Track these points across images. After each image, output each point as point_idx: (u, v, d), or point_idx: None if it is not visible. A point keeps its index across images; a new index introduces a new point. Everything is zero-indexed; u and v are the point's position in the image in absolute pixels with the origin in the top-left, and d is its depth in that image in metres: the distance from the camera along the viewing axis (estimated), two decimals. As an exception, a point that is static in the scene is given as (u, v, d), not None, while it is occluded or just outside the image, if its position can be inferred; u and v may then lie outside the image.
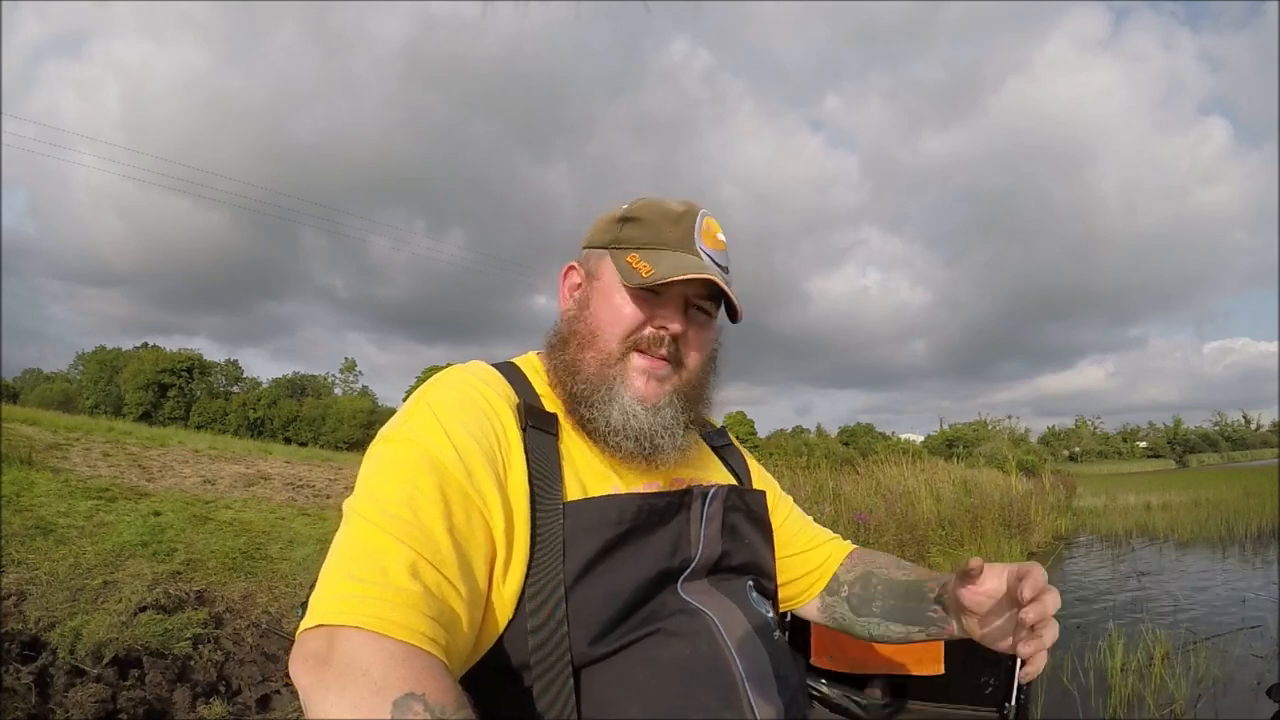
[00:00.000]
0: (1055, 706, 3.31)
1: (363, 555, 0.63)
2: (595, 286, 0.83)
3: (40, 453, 6.87)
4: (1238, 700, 3.37)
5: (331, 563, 0.64)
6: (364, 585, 0.60)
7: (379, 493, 0.67)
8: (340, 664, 0.56)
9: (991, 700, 1.97)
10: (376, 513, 0.66)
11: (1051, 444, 71.00)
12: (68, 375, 46.80)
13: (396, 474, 0.69)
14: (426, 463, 0.69)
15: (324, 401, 40.69)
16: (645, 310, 0.80)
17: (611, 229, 0.85)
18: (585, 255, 0.87)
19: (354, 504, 0.68)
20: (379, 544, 0.63)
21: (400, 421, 0.74)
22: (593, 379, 0.79)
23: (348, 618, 0.58)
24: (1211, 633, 4.61)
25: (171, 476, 7.41)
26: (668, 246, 0.81)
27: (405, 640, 0.58)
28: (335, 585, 0.62)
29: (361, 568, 0.62)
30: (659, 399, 0.80)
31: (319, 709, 0.54)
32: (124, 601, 3.26)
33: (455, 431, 0.71)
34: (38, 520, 4.41)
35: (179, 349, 42.32)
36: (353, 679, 0.55)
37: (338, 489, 8.58)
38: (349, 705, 0.54)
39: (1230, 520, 10.12)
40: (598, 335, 0.80)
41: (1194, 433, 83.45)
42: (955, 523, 7.77)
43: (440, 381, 0.78)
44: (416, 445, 0.70)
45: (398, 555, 0.63)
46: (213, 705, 2.75)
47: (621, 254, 0.82)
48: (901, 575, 0.96)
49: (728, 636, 0.76)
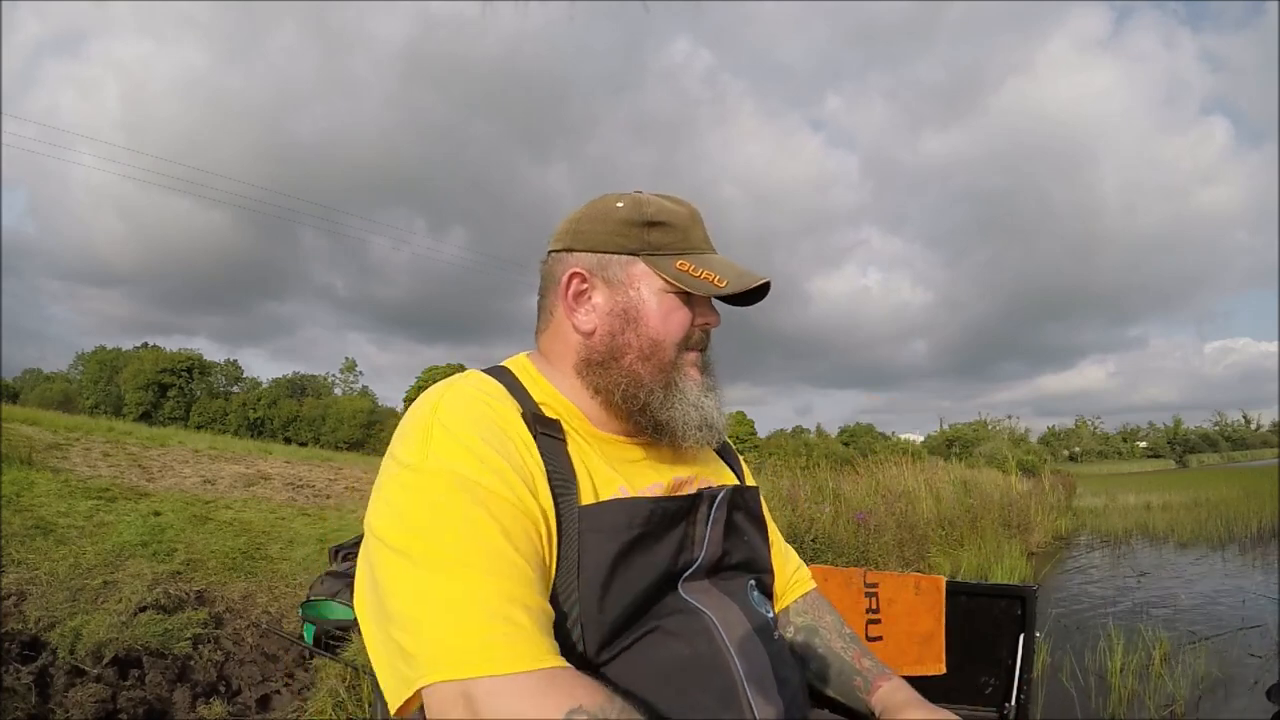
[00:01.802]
0: (1055, 706, 3.31)
1: (454, 599, 0.61)
2: (633, 296, 0.81)
3: (40, 453, 6.87)
4: (1238, 700, 3.37)
5: (416, 612, 0.61)
6: (471, 628, 0.59)
7: (430, 530, 0.65)
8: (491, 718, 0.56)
9: (991, 700, 1.97)
10: (440, 552, 0.63)
11: (1051, 444, 70.98)
12: (68, 375, 46.78)
13: (443, 505, 0.66)
14: (465, 488, 0.67)
15: (324, 401, 40.67)
16: (691, 313, 0.82)
17: (631, 234, 0.81)
18: (597, 261, 0.82)
19: (403, 544, 0.65)
20: (463, 583, 0.61)
21: (420, 446, 0.70)
22: (658, 387, 0.80)
23: (475, 669, 0.57)
24: (1211, 633, 4.61)
25: (171, 476, 7.41)
26: (701, 249, 0.83)
27: (538, 668, 0.58)
28: (440, 638, 0.59)
29: (459, 613, 0.60)
30: (708, 385, 0.85)
31: None
32: (124, 601, 3.27)
33: (481, 450, 0.70)
34: (38, 520, 4.42)
35: (179, 349, 42.38)
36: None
37: (338, 489, 8.58)
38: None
39: (1230, 520, 10.12)
40: (659, 346, 0.81)
41: (1194, 433, 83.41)
42: (955, 523, 7.77)
43: (447, 399, 0.75)
44: (448, 472, 0.67)
45: (488, 588, 0.61)
46: (213, 705, 2.75)
47: (665, 261, 0.81)
48: (839, 647, 0.97)
49: (727, 636, 0.75)
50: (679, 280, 0.80)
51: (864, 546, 5.82)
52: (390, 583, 0.64)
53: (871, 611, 2.03)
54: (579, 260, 0.82)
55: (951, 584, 2.02)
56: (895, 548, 6.18)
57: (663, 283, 0.81)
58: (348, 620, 3.29)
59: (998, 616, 1.99)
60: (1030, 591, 1.97)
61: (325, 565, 4.04)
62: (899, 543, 6.32)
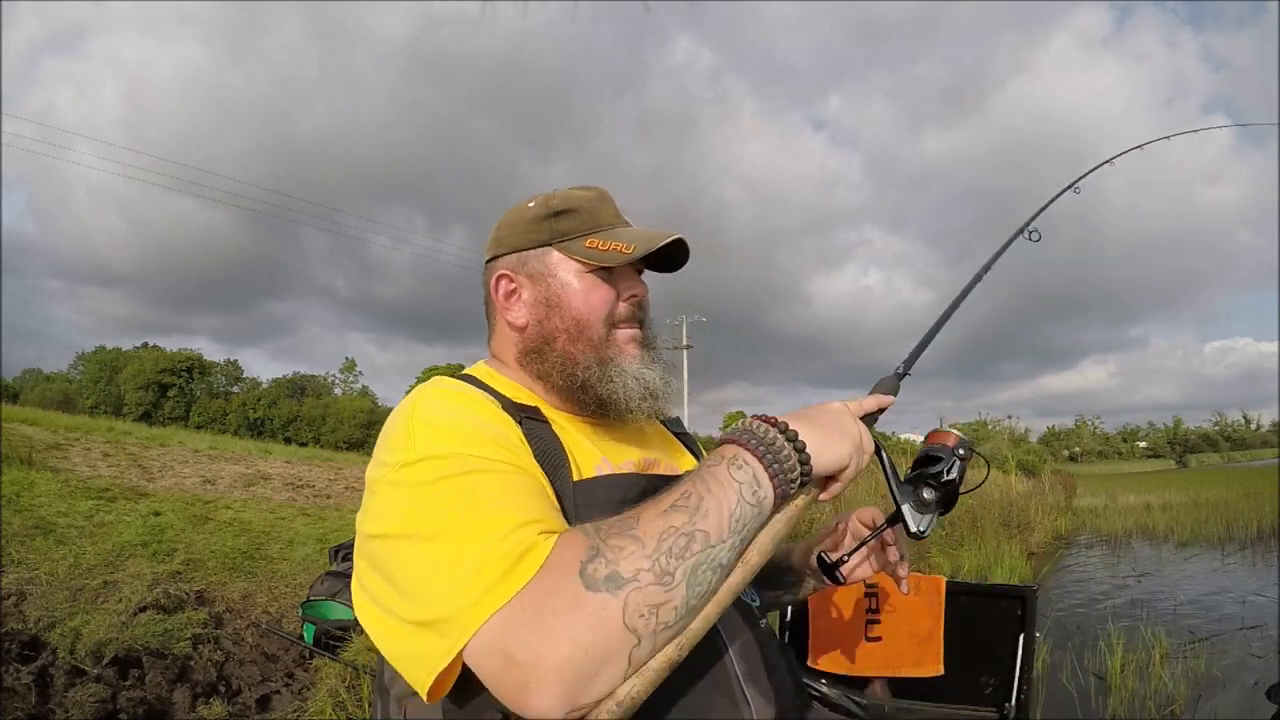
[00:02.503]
0: (1055, 706, 3.31)
1: (473, 552, 0.59)
2: (552, 284, 0.84)
3: (40, 453, 6.87)
4: (1237, 700, 3.37)
5: (440, 579, 0.60)
6: (495, 565, 0.58)
7: (434, 506, 0.64)
8: (531, 653, 0.54)
9: (991, 700, 1.97)
10: (448, 519, 0.62)
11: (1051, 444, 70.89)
12: (68, 375, 46.70)
13: (442, 483, 0.65)
14: (460, 463, 0.66)
15: (324, 401, 40.60)
16: (613, 288, 0.85)
17: (541, 227, 0.86)
18: (518, 260, 0.86)
19: (409, 528, 0.63)
20: (477, 538, 0.60)
21: (405, 444, 0.69)
22: (593, 364, 0.82)
23: (487, 610, 0.56)
24: (1211, 633, 4.61)
25: (171, 476, 7.41)
26: (610, 225, 0.86)
27: (539, 558, 0.58)
28: (472, 586, 0.58)
29: (483, 559, 0.59)
30: (650, 358, 0.86)
31: (551, 673, 0.53)
32: (124, 601, 3.27)
33: (468, 432, 0.70)
34: (38, 520, 4.42)
35: (179, 349, 42.26)
36: (553, 621, 0.55)
37: (338, 489, 8.57)
38: (572, 631, 0.54)
39: (1230, 520, 10.12)
40: (584, 325, 0.83)
41: (1194, 433, 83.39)
42: (955, 523, 7.76)
43: (422, 400, 0.75)
44: (439, 456, 0.67)
45: (504, 525, 0.61)
46: (213, 705, 2.75)
47: (575, 244, 0.84)
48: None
49: (723, 631, 0.75)
50: (589, 257, 0.83)
51: (864, 546, 5.81)
52: (404, 568, 0.63)
53: (871, 612, 2.03)
54: (504, 263, 0.87)
55: (951, 584, 2.02)
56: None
57: (576, 264, 0.84)
58: (348, 620, 3.29)
59: (998, 617, 1.99)
60: (1030, 591, 1.97)
61: (325, 565, 4.04)
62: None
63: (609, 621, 0.55)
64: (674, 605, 0.57)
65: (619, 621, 0.55)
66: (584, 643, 0.54)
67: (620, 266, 0.85)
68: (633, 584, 0.56)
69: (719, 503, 0.62)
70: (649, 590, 0.56)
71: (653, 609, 0.56)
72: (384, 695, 0.76)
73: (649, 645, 0.57)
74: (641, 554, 0.57)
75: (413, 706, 0.70)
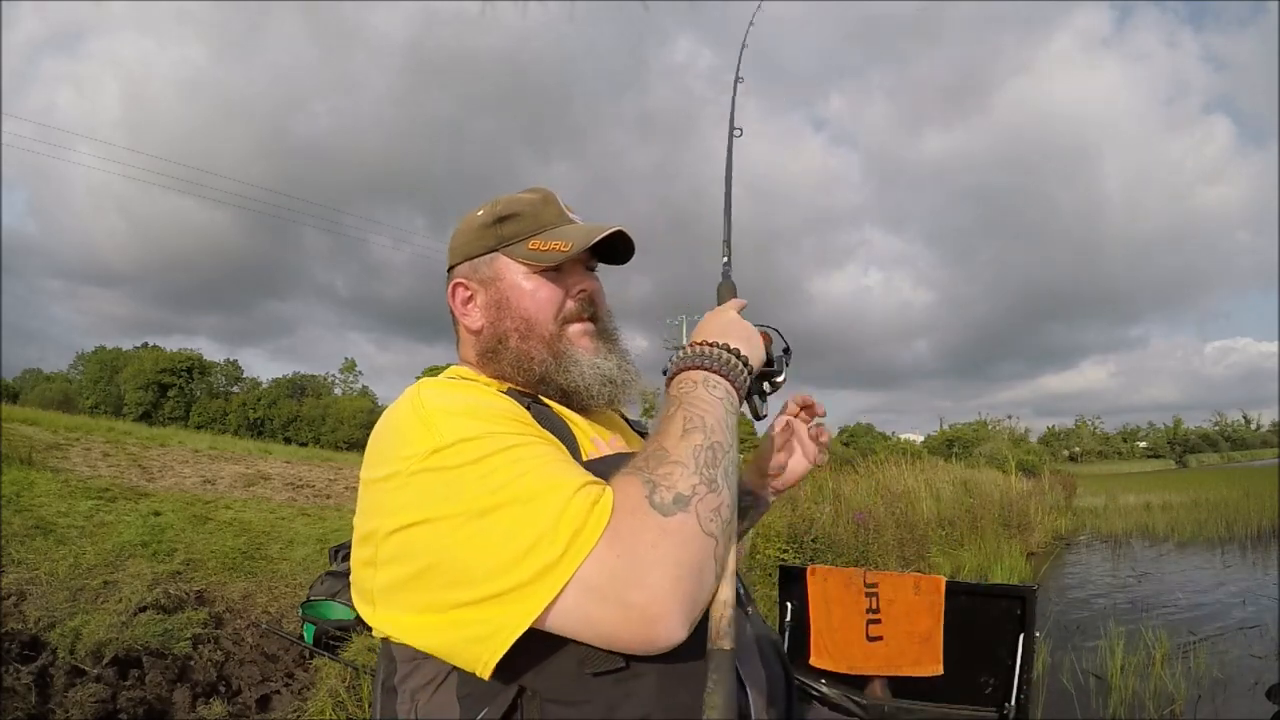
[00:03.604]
0: (1055, 706, 3.31)
1: (529, 516, 0.62)
2: (501, 286, 0.88)
3: (40, 453, 6.87)
4: (1238, 700, 3.37)
5: (498, 551, 0.61)
6: (563, 534, 0.60)
7: (478, 482, 0.64)
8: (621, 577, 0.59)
9: (991, 700, 1.97)
10: (498, 492, 0.63)
11: (1051, 444, 70.83)
12: (68, 375, 46.63)
13: (480, 461, 0.65)
14: (492, 440, 0.67)
15: (324, 401, 40.58)
16: (560, 286, 0.88)
17: (487, 234, 0.89)
18: (470, 268, 0.90)
19: (454, 509, 0.63)
20: (530, 503, 0.62)
21: (424, 436, 0.69)
22: (547, 359, 0.86)
23: (575, 562, 0.60)
24: (1211, 633, 4.61)
25: (171, 476, 7.41)
26: (554, 224, 0.89)
27: (606, 508, 0.62)
28: (537, 550, 0.60)
29: (540, 525, 0.61)
30: (605, 349, 0.90)
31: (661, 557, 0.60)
32: (124, 601, 3.27)
33: (487, 412, 0.72)
34: (38, 520, 4.42)
35: (179, 349, 42.25)
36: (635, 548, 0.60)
37: (338, 489, 8.57)
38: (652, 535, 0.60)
39: (1230, 520, 10.13)
40: (533, 323, 0.86)
41: (1194, 433, 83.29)
42: (955, 523, 7.77)
43: (425, 393, 0.75)
44: (467, 439, 0.67)
45: (556, 482, 0.64)
46: (213, 705, 2.75)
47: (519, 247, 0.87)
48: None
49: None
50: (532, 258, 0.86)
51: (864, 546, 5.82)
52: (460, 547, 0.63)
53: (871, 611, 2.03)
54: (458, 271, 0.91)
55: (951, 584, 2.02)
56: (895, 548, 6.17)
57: (522, 265, 0.87)
58: (348, 620, 3.29)
59: (998, 616, 1.99)
60: (1030, 592, 1.97)
61: (325, 565, 4.04)
62: (899, 543, 6.32)
63: (692, 535, 0.62)
64: (727, 504, 0.66)
65: (699, 531, 0.62)
66: (683, 562, 0.61)
67: (569, 264, 0.88)
68: (695, 497, 0.63)
69: (716, 418, 0.71)
70: (708, 498, 0.64)
71: (715, 511, 0.64)
72: (390, 694, 0.75)
73: (724, 543, 0.65)
74: (688, 473, 0.65)
75: (425, 700, 0.71)
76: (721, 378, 0.75)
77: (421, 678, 0.71)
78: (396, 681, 0.74)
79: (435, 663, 0.70)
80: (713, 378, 0.75)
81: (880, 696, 2.01)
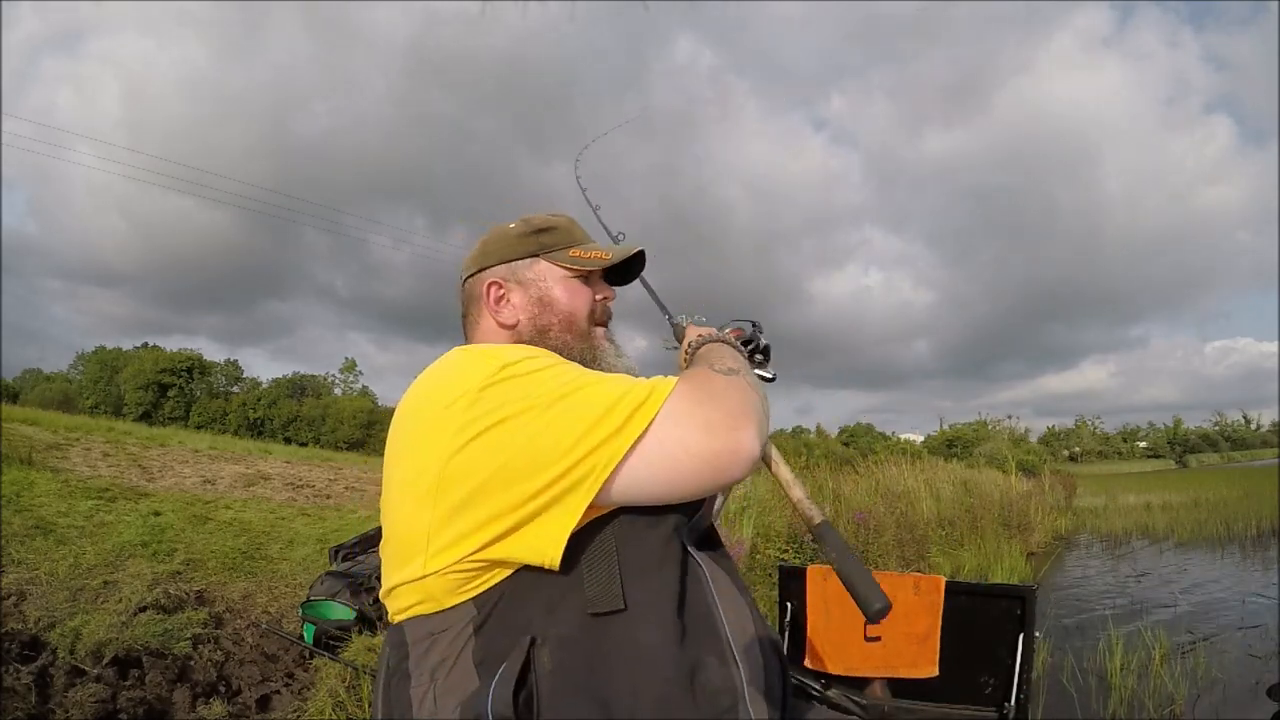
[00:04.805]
0: (1055, 706, 3.31)
1: (607, 392, 0.72)
2: (544, 286, 0.98)
3: (40, 453, 6.87)
4: (1238, 700, 3.37)
5: (585, 413, 0.70)
6: (636, 396, 0.71)
7: (557, 381, 0.74)
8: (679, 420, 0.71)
9: (991, 700, 1.97)
10: (576, 384, 0.73)
11: (1051, 444, 70.78)
12: (68, 375, 46.57)
13: (557, 369, 0.76)
14: (564, 362, 0.79)
15: (324, 401, 40.54)
16: (593, 290, 0.99)
17: (529, 241, 0.99)
18: (508, 270, 0.98)
19: (534, 401, 0.71)
20: (612, 383, 0.74)
21: (492, 361, 0.76)
22: (585, 350, 0.96)
23: (655, 406, 0.71)
24: (1211, 633, 4.61)
25: (171, 476, 7.41)
26: (583, 241, 1.01)
27: (671, 381, 0.75)
28: (618, 403, 0.71)
29: (614, 395, 0.72)
30: (615, 351, 1.00)
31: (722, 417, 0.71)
32: (124, 601, 3.26)
33: (545, 351, 0.84)
34: (38, 520, 4.42)
35: (179, 349, 42.19)
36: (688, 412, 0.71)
37: (338, 489, 8.58)
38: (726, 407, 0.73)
39: (1230, 520, 10.12)
40: (574, 319, 0.97)
41: (1194, 433, 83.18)
42: (955, 523, 7.77)
43: (481, 346, 0.87)
44: (540, 357, 0.79)
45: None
46: (213, 705, 2.75)
47: (560, 254, 0.98)
48: None
49: (717, 594, 0.77)
50: (575, 264, 0.98)
51: (864, 546, 5.82)
52: (536, 431, 0.69)
53: (871, 611, 2.03)
54: (493, 273, 0.98)
55: (951, 584, 2.02)
56: (895, 548, 6.17)
57: (563, 270, 0.98)
58: (348, 620, 3.29)
59: (997, 616, 1.99)
60: (1030, 591, 1.97)
61: (325, 565, 4.04)
62: (899, 543, 6.31)
63: (750, 388, 0.77)
64: (760, 386, 0.82)
65: (752, 388, 0.78)
66: (750, 401, 0.74)
67: (595, 275, 0.99)
68: (742, 370, 0.81)
69: (734, 353, 0.88)
70: (749, 374, 0.82)
71: (755, 383, 0.81)
72: (403, 680, 0.75)
73: (766, 403, 0.79)
74: (730, 360, 0.83)
75: (444, 676, 0.71)
76: (726, 345, 0.91)
77: (438, 654, 0.72)
78: (410, 665, 0.74)
79: (451, 634, 0.71)
80: (722, 344, 0.90)
81: (880, 696, 2.01)
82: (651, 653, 0.69)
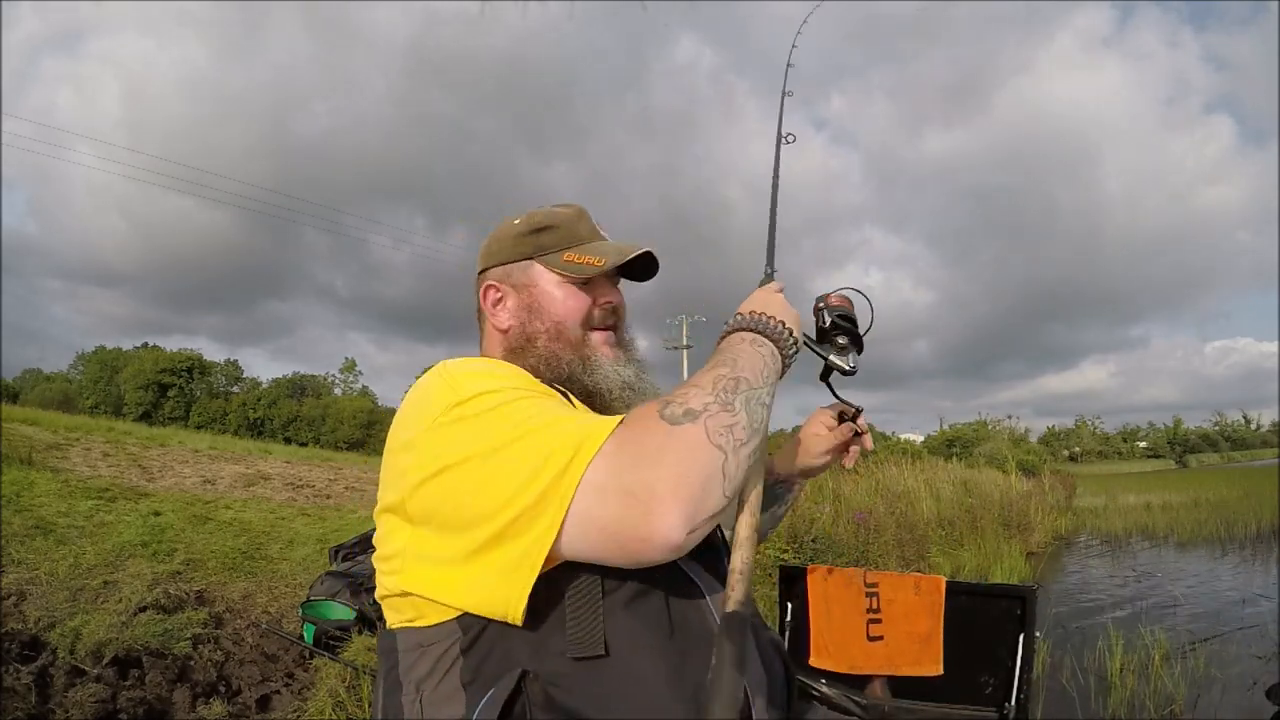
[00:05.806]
0: (1055, 706, 3.31)
1: (543, 442, 0.65)
2: (535, 291, 0.94)
3: (40, 453, 6.87)
4: (1237, 701, 3.37)
5: (521, 471, 0.63)
6: (570, 446, 0.64)
7: (499, 424, 0.67)
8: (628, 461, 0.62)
9: (991, 700, 1.97)
10: (516, 427, 0.67)
11: (1051, 444, 70.69)
12: (68, 375, 46.58)
13: (498, 408, 0.69)
14: (512, 393, 0.71)
15: (324, 401, 40.55)
16: (589, 295, 0.94)
17: (524, 243, 0.94)
18: (503, 272, 0.95)
19: (480, 448, 0.66)
20: (550, 428, 0.67)
21: (449, 393, 0.72)
22: (573, 360, 0.91)
23: (583, 464, 0.62)
24: (1211, 633, 4.61)
25: (171, 476, 7.41)
26: (587, 239, 0.95)
27: (613, 422, 0.66)
28: (557, 456, 0.63)
29: (550, 445, 0.64)
30: (624, 357, 0.95)
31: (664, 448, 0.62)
32: (124, 601, 3.26)
33: (514, 380, 0.76)
34: (38, 520, 4.42)
35: (179, 349, 42.21)
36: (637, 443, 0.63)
37: (338, 489, 8.58)
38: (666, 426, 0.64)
39: (1230, 520, 10.12)
40: (562, 326, 0.92)
41: (1194, 433, 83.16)
42: (955, 523, 7.77)
43: (454, 363, 0.80)
44: (494, 391, 0.71)
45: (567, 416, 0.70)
46: (213, 705, 2.75)
47: (554, 257, 0.93)
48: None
49: (715, 612, 0.76)
50: (566, 269, 0.93)
51: (864, 546, 5.81)
52: (471, 488, 0.65)
53: (872, 611, 2.03)
54: (491, 274, 0.96)
55: (951, 584, 2.02)
56: (895, 548, 6.17)
57: (555, 275, 0.93)
58: (348, 620, 3.29)
59: (998, 616, 1.99)
60: (1030, 591, 1.97)
61: (325, 565, 4.04)
62: (899, 543, 6.31)
63: (699, 445, 0.63)
64: (742, 425, 0.66)
65: (705, 441, 0.63)
66: (688, 465, 0.61)
67: (596, 276, 0.93)
68: (705, 413, 0.65)
69: (750, 362, 0.74)
70: (720, 415, 0.65)
71: (728, 428, 0.65)
72: (394, 688, 0.75)
73: (734, 459, 0.64)
74: (703, 393, 0.67)
75: (430, 690, 0.71)
76: (769, 340, 0.79)
77: (425, 667, 0.71)
78: (400, 674, 0.74)
79: (438, 650, 0.71)
80: (760, 338, 0.79)
81: (880, 696, 2.01)
82: (651, 689, 0.67)
